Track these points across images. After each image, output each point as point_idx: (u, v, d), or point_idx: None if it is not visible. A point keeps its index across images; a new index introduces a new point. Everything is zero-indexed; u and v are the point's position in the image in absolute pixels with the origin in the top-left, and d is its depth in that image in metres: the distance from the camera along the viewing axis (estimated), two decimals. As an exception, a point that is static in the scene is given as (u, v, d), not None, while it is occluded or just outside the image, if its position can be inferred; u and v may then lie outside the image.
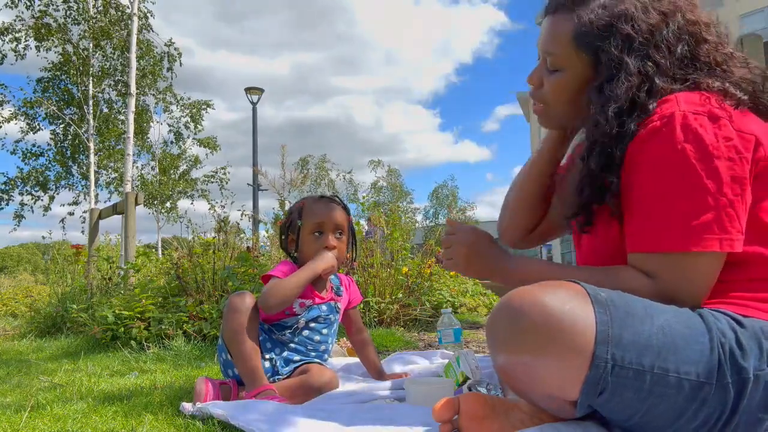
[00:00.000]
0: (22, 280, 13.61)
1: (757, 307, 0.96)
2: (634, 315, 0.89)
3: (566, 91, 1.14)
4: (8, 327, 4.93)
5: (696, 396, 0.87)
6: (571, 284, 0.92)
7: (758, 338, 0.90)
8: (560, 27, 1.12)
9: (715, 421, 0.88)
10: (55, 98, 11.44)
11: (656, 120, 0.99)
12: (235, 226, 4.13)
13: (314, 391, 1.63)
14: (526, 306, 0.88)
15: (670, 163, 0.96)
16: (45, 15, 10.70)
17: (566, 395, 0.89)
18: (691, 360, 0.87)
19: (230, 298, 1.68)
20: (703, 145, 0.94)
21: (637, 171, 1.00)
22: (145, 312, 3.06)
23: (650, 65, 1.03)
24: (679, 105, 0.98)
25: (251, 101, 12.56)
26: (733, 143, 0.95)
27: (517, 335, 0.88)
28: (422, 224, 27.26)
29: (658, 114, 0.99)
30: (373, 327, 3.42)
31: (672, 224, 0.96)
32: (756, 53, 2.60)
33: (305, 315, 1.78)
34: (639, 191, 1.00)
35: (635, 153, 1.00)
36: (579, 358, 0.85)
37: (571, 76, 1.13)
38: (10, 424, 1.41)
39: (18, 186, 11.44)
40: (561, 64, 1.13)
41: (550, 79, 1.16)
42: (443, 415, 1.03)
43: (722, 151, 0.94)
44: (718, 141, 0.94)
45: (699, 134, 0.95)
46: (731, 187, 0.94)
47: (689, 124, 0.95)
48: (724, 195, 0.94)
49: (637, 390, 0.87)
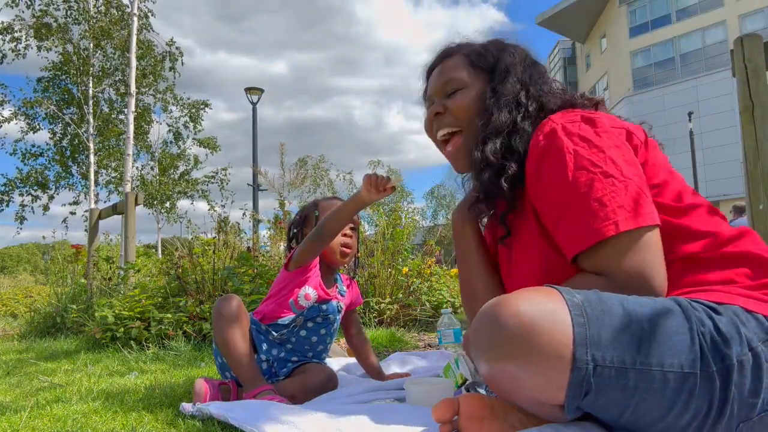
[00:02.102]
0: (22, 281, 13.62)
1: (726, 290, 0.98)
2: (611, 313, 0.89)
3: (472, 102, 1.26)
4: (8, 327, 4.93)
5: (682, 388, 0.87)
6: (546, 289, 0.92)
7: (735, 324, 0.90)
8: (455, 62, 1.31)
9: (706, 412, 0.88)
10: (55, 98, 11.44)
11: (541, 140, 1.09)
12: (235, 226, 4.13)
13: (314, 391, 1.63)
14: (503, 315, 0.88)
15: (570, 167, 1.04)
16: (45, 14, 10.71)
17: (552, 399, 0.89)
18: (674, 352, 0.87)
19: (216, 304, 1.67)
20: (590, 142, 1.05)
21: (543, 187, 1.08)
22: (145, 312, 3.06)
23: (528, 76, 1.24)
24: (554, 121, 1.10)
25: (251, 101, 12.57)
26: (610, 135, 1.07)
27: (496, 344, 0.89)
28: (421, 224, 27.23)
29: (541, 134, 1.10)
30: (373, 327, 3.42)
31: (598, 212, 1.00)
32: (756, 53, 2.60)
33: (305, 313, 1.79)
34: (553, 202, 1.06)
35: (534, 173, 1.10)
36: (559, 362, 0.85)
37: (473, 90, 1.27)
38: (10, 424, 1.41)
39: (18, 186, 11.45)
40: (463, 83, 1.28)
41: (453, 99, 1.28)
42: (443, 415, 1.03)
43: (608, 143, 1.05)
44: (600, 136, 1.05)
45: (583, 135, 1.06)
46: (630, 168, 1.03)
47: (570, 130, 1.07)
48: (626, 176, 1.02)
49: (622, 388, 0.87)
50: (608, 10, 27.13)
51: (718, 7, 23.48)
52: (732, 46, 2.68)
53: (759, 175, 2.49)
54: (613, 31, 26.94)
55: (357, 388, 1.70)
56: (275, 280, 1.86)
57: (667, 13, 25.04)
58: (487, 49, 1.30)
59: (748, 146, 2.54)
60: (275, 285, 1.83)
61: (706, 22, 23.79)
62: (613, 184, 1.00)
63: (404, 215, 4.48)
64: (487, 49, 1.30)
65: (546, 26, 28.55)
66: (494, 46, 1.31)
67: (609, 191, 1.00)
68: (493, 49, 1.30)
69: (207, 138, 13.72)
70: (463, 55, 1.30)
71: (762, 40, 2.63)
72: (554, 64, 34.78)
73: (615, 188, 1.00)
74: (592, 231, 1.00)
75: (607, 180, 1.01)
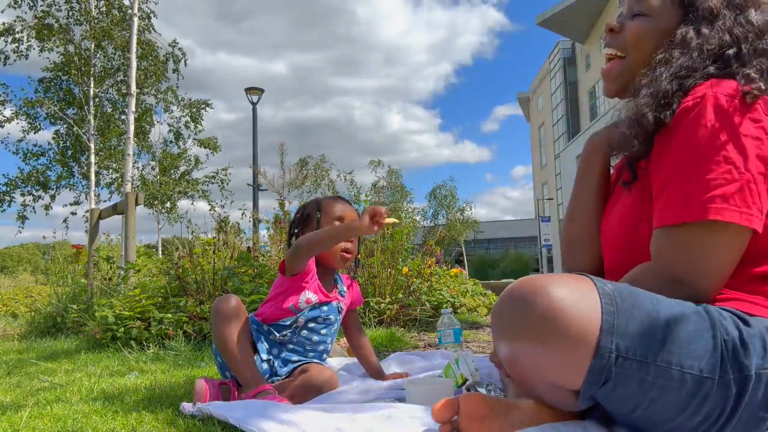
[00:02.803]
0: (22, 280, 13.63)
1: (763, 304, 0.97)
2: (641, 307, 0.89)
3: (648, 36, 1.17)
4: (8, 327, 4.93)
5: (698, 391, 0.87)
6: (578, 275, 0.93)
7: (763, 337, 0.90)
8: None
9: (716, 418, 0.89)
10: (57, 98, 11.44)
11: (689, 102, 1.02)
12: (235, 226, 4.13)
13: (314, 391, 1.63)
14: (532, 295, 0.88)
15: (698, 138, 0.98)
16: (47, 15, 10.71)
17: (569, 384, 0.90)
18: (695, 355, 0.87)
19: (215, 303, 1.67)
20: (731, 122, 0.97)
21: (667, 151, 1.02)
22: (145, 312, 3.06)
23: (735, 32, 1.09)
24: (712, 87, 1.01)
25: (251, 101, 12.56)
26: (762, 125, 0.98)
27: (522, 323, 0.89)
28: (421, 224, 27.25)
29: (691, 95, 1.02)
30: (373, 327, 3.42)
31: (693, 194, 0.96)
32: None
33: (306, 314, 1.79)
34: (666, 167, 1.02)
35: (667, 132, 1.03)
36: (583, 347, 0.85)
37: (657, 23, 1.16)
38: (10, 424, 1.41)
39: (19, 186, 11.44)
40: (650, 9, 1.17)
41: (632, 23, 1.19)
42: (443, 415, 1.03)
43: (750, 130, 0.97)
44: (746, 120, 0.97)
45: (728, 113, 0.98)
46: (755, 164, 0.96)
47: (720, 104, 0.99)
48: (748, 170, 0.95)
49: (640, 382, 0.87)
50: (608, 10, 27.11)
51: (719, 7, 23.44)
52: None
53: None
54: (613, 31, 26.90)
55: (357, 388, 1.70)
56: (274, 282, 1.85)
57: (668, 13, 25.01)
58: None
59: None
60: (274, 288, 1.83)
61: (706, 22, 23.75)
62: (727, 171, 0.95)
63: (404, 215, 4.48)
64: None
65: (546, 26, 28.55)
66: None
67: (718, 177, 0.95)
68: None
69: (207, 138, 13.72)
70: None
71: (762, 40, 2.62)
72: (554, 64, 34.78)
73: (726, 176, 0.95)
74: (686, 209, 0.97)
75: (722, 166, 0.95)
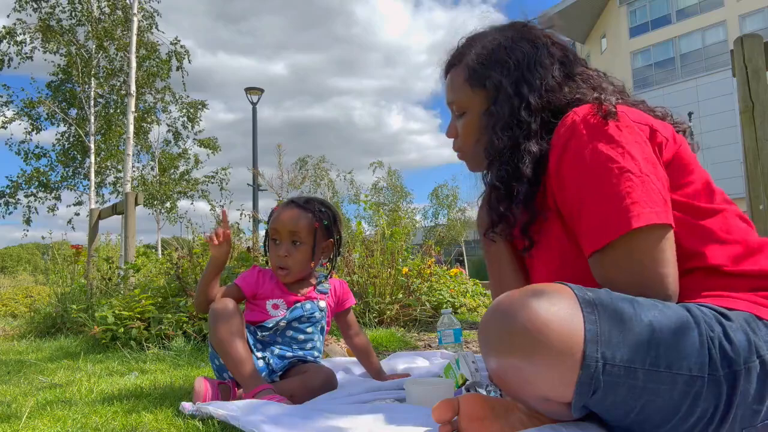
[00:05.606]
0: (22, 281, 13.62)
1: (739, 297, 0.97)
2: (622, 312, 0.89)
3: (473, 130, 1.25)
4: (8, 327, 4.92)
5: (689, 391, 0.87)
6: (558, 285, 0.92)
7: (745, 330, 0.90)
8: (456, 78, 1.28)
9: (711, 416, 0.89)
10: (59, 98, 11.45)
11: (562, 133, 1.07)
12: (235, 226, 4.13)
13: (313, 391, 1.63)
14: (514, 309, 0.88)
15: (588, 161, 1.02)
16: (51, 17, 10.71)
17: (560, 397, 0.89)
18: (683, 355, 0.87)
19: (212, 306, 1.68)
20: (609, 137, 1.02)
21: (563, 181, 1.07)
22: (145, 312, 3.06)
23: (525, 86, 1.16)
24: (576, 113, 1.07)
25: (251, 101, 12.56)
26: (633, 130, 1.04)
27: (506, 339, 0.88)
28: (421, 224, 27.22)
29: (563, 127, 1.07)
30: (373, 327, 3.42)
31: (612, 208, 0.99)
32: (756, 53, 2.60)
33: (287, 316, 1.77)
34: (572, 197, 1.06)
35: (555, 167, 1.08)
36: (569, 358, 0.85)
37: (474, 115, 1.24)
38: (10, 425, 1.41)
39: (22, 188, 11.45)
40: (464, 106, 1.26)
41: (460, 123, 1.28)
42: (443, 415, 1.03)
43: (628, 138, 1.02)
44: (621, 130, 1.03)
45: (603, 129, 1.03)
46: (648, 166, 1.01)
47: (590, 122, 1.04)
48: (644, 173, 1.00)
49: (630, 388, 0.87)
50: (608, 10, 27.12)
51: (718, 8, 23.46)
52: (732, 47, 2.68)
53: (759, 175, 2.49)
54: (613, 31, 26.94)
55: (357, 388, 1.70)
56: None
57: (667, 14, 25.03)
58: (481, 61, 1.23)
59: (748, 146, 2.54)
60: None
61: (706, 22, 23.77)
62: (629, 179, 0.99)
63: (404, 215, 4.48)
64: (481, 62, 1.23)
65: (546, 26, 28.52)
66: (487, 55, 1.22)
67: (625, 187, 0.98)
68: (486, 59, 1.22)
69: (207, 138, 13.73)
70: (465, 67, 1.25)
71: (762, 40, 2.63)
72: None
73: (632, 183, 0.98)
74: (607, 228, 0.99)
75: (624, 175, 0.99)
